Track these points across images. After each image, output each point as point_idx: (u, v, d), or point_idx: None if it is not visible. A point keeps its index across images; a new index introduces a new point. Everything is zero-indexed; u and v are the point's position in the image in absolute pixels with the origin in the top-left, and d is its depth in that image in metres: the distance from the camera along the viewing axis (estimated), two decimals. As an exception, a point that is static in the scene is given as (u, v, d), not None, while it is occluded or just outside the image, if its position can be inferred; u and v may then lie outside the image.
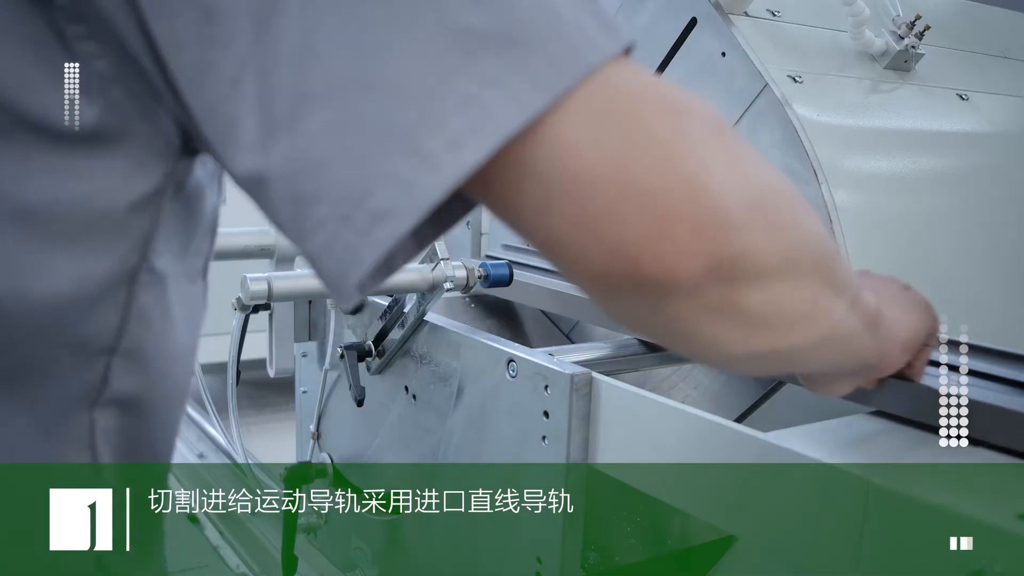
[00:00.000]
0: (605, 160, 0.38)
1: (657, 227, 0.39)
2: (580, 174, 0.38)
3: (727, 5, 1.21)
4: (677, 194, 0.39)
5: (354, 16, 0.36)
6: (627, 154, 0.38)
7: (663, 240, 0.39)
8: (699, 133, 0.41)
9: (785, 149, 1.12)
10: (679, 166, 0.39)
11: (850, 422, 0.84)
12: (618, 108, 0.39)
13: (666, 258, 0.39)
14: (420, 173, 0.37)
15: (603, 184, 0.38)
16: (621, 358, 1.16)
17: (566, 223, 0.39)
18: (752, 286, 0.43)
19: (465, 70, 0.36)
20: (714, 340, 0.45)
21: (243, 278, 1.02)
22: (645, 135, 0.39)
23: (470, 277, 1.10)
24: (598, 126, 0.38)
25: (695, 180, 0.39)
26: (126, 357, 0.49)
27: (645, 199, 0.38)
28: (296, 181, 0.38)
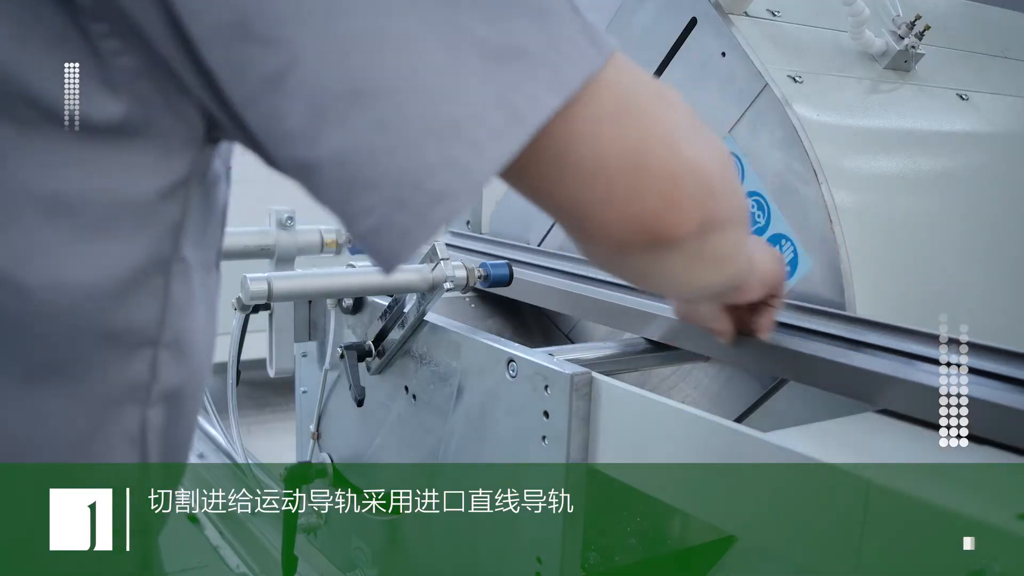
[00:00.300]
0: (626, 152, 0.49)
1: (667, 202, 0.51)
2: (607, 162, 0.48)
3: (727, 5, 1.21)
4: (681, 175, 0.51)
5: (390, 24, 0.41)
6: (643, 146, 0.49)
7: (671, 211, 0.51)
8: (684, 121, 0.52)
9: (785, 149, 1.12)
10: (680, 153, 0.51)
11: (850, 422, 0.84)
12: (627, 107, 0.49)
13: (672, 224, 0.51)
14: (472, 158, 0.43)
15: (625, 171, 0.49)
16: (621, 358, 1.16)
17: (594, 201, 0.50)
18: (719, 235, 0.56)
19: (491, 77, 0.43)
20: (687, 280, 0.61)
21: (243, 278, 1.02)
22: (653, 129, 0.50)
23: (470, 277, 1.10)
24: (616, 123, 0.48)
25: (692, 163, 0.51)
26: (170, 348, 0.51)
27: (659, 182, 0.50)
28: (348, 169, 0.42)
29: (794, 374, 0.98)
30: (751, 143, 1.16)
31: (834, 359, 0.91)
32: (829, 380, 0.92)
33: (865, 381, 0.87)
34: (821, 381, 0.93)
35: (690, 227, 0.52)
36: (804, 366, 0.94)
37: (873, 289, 1.08)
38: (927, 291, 1.17)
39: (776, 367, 1.00)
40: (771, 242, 1.14)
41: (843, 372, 0.90)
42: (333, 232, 1.30)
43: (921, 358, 0.87)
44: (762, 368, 1.07)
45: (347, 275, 1.09)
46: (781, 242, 1.13)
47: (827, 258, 1.08)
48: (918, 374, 0.84)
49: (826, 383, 0.93)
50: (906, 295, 1.14)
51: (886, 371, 0.86)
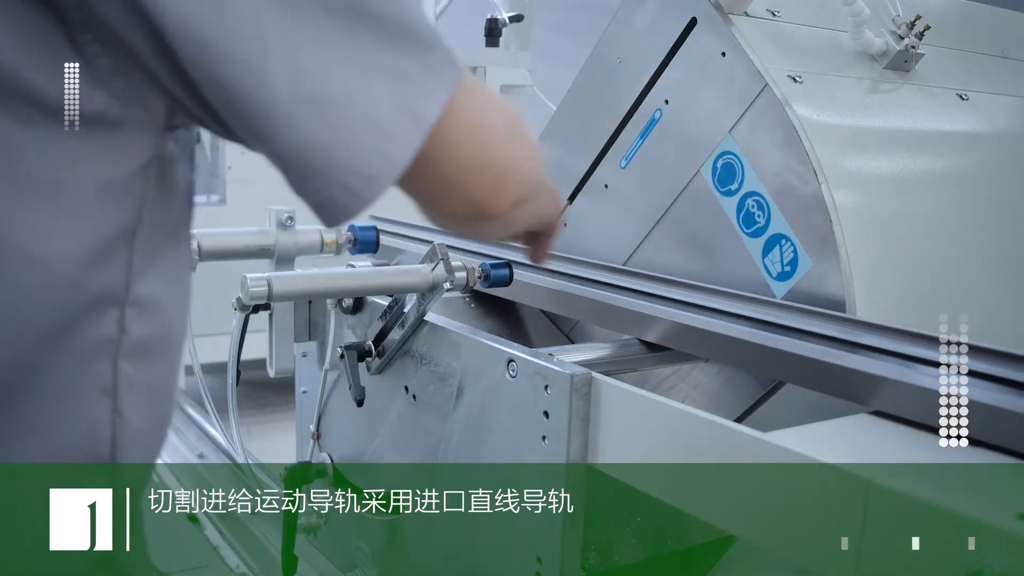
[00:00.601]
0: (474, 155, 0.65)
1: (495, 191, 0.67)
2: (460, 164, 0.64)
3: (727, 5, 1.21)
4: (508, 172, 0.68)
5: (329, 54, 0.55)
6: (485, 151, 0.66)
7: (497, 197, 0.68)
8: (513, 125, 0.68)
9: (785, 149, 1.12)
10: (509, 155, 0.68)
11: (850, 422, 0.84)
12: (476, 118, 0.64)
13: (496, 206, 0.68)
14: (393, 149, 0.58)
15: (471, 170, 0.65)
16: (621, 358, 1.16)
17: (445, 191, 0.66)
18: (525, 207, 0.74)
19: (396, 92, 0.57)
20: (498, 234, 0.80)
21: (243, 278, 1.02)
22: (493, 137, 0.66)
23: (470, 277, 1.10)
24: (469, 132, 0.64)
25: (516, 162, 0.69)
26: (136, 306, 0.59)
27: (492, 178, 0.67)
28: (303, 159, 0.56)
29: (791, 376, 0.98)
30: (751, 143, 1.16)
31: (830, 361, 0.91)
32: (825, 382, 0.92)
33: (861, 383, 0.87)
34: (817, 383, 0.93)
35: (508, 207, 0.69)
36: (800, 368, 0.94)
37: (873, 289, 1.08)
38: (927, 291, 1.17)
39: (773, 369, 1.00)
40: (771, 242, 1.14)
41: (839, 374, 0.90)
42: (333, 232, 1.30)
43: (920, 360, 0.87)
44: (758, 369, 1.07)
45: (347, 275, 1.09)
46: (781, 242, 1.13)
47: (827, 258, 1.08)
48: (917, 376, 0.84)
49: (822, 385, 0.93)
50: (906, 295, 1.14)
51: (883, 373, 0.86)
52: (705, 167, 1.22)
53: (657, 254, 1.31)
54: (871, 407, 0.86)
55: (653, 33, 1.30)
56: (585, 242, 1.44)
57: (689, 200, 1.25)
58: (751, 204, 1.16)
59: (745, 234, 1.17)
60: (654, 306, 1.14)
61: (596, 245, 1.42)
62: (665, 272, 1.27)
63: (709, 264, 1.23)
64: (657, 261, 1.31)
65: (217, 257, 1.22)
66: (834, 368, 0.91)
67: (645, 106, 1.32)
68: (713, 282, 1.19)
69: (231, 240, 1.24)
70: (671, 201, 1.28)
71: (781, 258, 1.13)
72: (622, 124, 1.36)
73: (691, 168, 1.24)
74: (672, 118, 1.28)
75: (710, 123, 1.21)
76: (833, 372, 0.91)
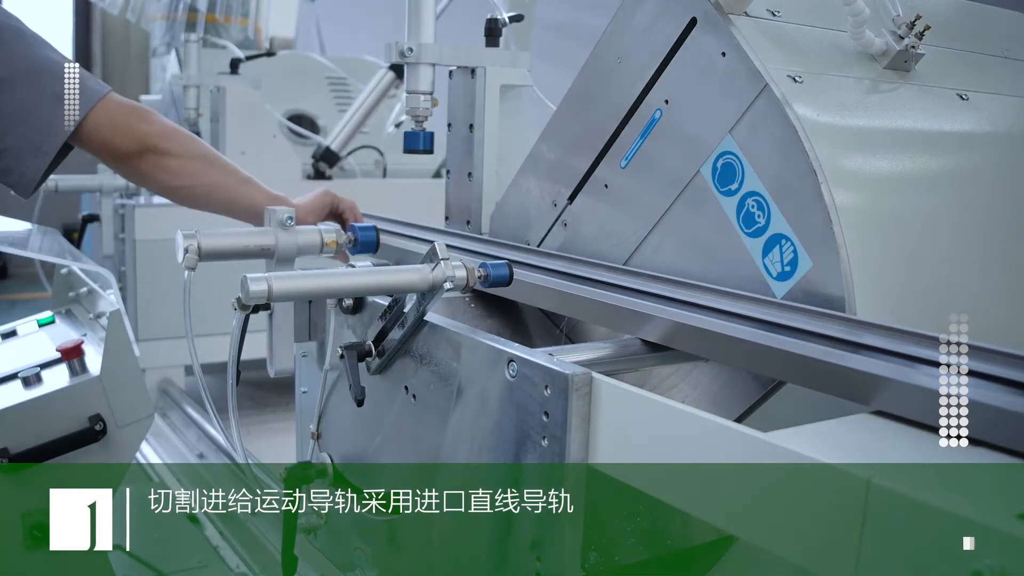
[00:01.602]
0: (120, 144, 1.43)
1: (135, 146, 1.44)
2: (117, 148, 1.44)
3: (727, 5, 1.21)
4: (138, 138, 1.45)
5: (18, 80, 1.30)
6: (130, 138, 1.44)
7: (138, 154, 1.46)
8: (149, 116, 1.46)
9: (785, 149, 1.12)
10: (144, 137, 1.45)
11: (850, 422, 0.84)
12: (119, 112, 1.42)
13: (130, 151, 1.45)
14: (57, 134, 1.34)
15: (122, 151, 1.45)
16: (621, 358, 1.16)
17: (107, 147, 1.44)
18: (158, 157, 1.46)
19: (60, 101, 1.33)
20: (154, 180, 1.50)
21: (243, 278, 1.02)
22: (129, 119, 1.44)
23: (470, 277, 1.10)
24: (119, 129, 1.42)
25: (147, 136, 1.46)
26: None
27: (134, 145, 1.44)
28: None
29: (790, 376, 0.98)
30: (751, 143, 1.16)
31: (831, 360, 0.91)
32: (825, 382, 0.92)
33: (861, 383, 0.87)
34: (817, 383, 0.93)
35: (136, 150, 1.42)
36: (800, 367, 0.94)
37: (873, 289, 1.08)
38: (927, 290, 1.17)
39: (772, 368, 1.00)
40: (771, 242, 1.14)
41: (839, 374, 0.90)
42: (333, 232, 1.30)
43: (920, 360, 0.87)
44: (758, 369, 1.07)
45: (347, 275, 1.09)
46: (781, 242, 1.13)
47: (827, 258, 1.08)
48: (917, 376, 0.84)
49: (822, 385, 0.92)
50: (906, 294, 1.14)
51: (883, 373, 0.86)
52: (705, 167, 1.22)
53: (657, 254, 1.31)
54: (871, 407, 0.86)
55: (653, 33, 1.30)
56: (585, 242, 1.44)
57: (689, 200, 1.25)
58: (751, 204, 1.16)
59: (745, 234, 1.17)
60: (653, 305, 1.13)
61: (596, 245, 1.42)
62: (665, 272, 1.27)
63: (709, 264, 1.23)
64: (657, 261, 1.31)
65: (217, 257, 1.22)
66: (834, 368, 0.90)
67: (645, 106, 1.32)
68: (713, 282, 1.19)
69: (231, 240, 1.24)
70: (671, 201, 1.28)
71: (781, 258, 1.13)
72: (622, 124, 1.36)
73: (691, 168, 1.24)
74: (672, 118, 1.28)
75: (710, 123, 1.21)
76: (833, 372, 0.91)
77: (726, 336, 1.02)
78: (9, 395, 1.53)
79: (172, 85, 3.58)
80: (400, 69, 3.24)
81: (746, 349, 0.99)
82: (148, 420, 1.62)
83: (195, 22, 6.97)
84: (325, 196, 1.58)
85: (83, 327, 1.89)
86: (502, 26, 1.82)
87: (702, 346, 1.07)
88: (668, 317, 1.10)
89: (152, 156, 1.45)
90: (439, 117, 1.76)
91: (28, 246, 1.96)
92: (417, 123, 1.71)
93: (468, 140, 1.76)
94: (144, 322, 2.98)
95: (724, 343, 1.02)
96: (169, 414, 2.91)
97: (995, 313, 1.24)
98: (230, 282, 1.12)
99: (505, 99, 1.76)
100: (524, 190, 1.57)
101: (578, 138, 1.44)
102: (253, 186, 1.54)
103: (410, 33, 1.65)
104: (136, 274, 2.99)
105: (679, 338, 1.09)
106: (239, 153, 3.23)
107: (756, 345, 0.98)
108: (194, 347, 1.19)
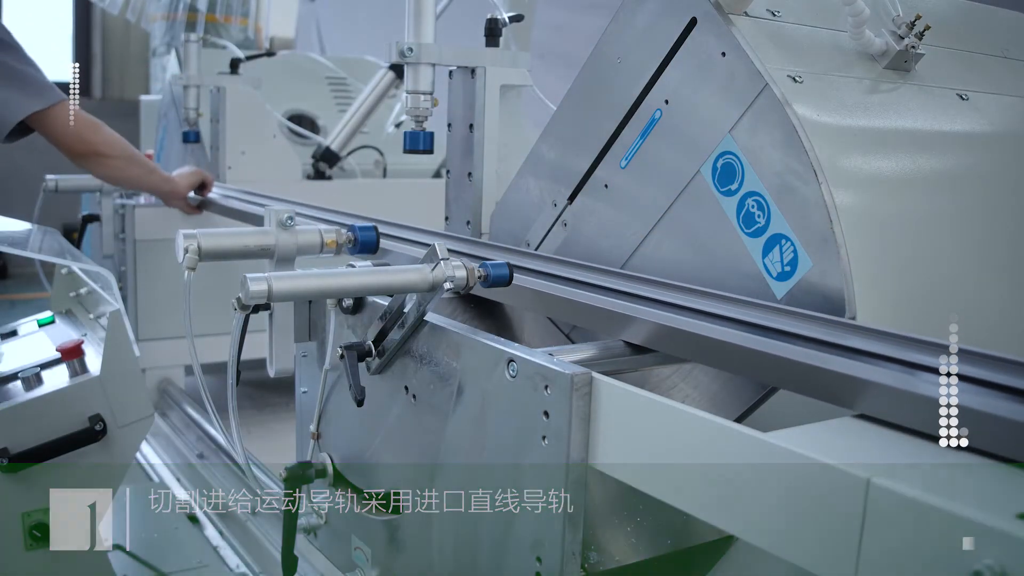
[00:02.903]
0: (77, 143, 2.46)
1: (87, 150, 2.48)
2: (72, 147, 2.46)
3: (727, 5, 1.21)
4: (90, 145, 2.49)
5: None
6: (85, 142, 2.47)
7: (88, 155, 2.50)
8: (96, 125, 2.50)
9: (785, 149, 1.12)
10: (93, 138, 2.49)
11: (850, 422, 0.84)
12: (80, 125, 2.42)
13: (83, 153, 2.49)
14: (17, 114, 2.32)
15: (78, 150, 2.48)
16: (621, 358, 1.16)
17: (63, 142, 2.44)
18: (104, 159, 2.54)
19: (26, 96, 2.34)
20: (94, 172, 2.61)
21: (243, 278, 1.02)
22: (84, 136, 2.46)
23: (470, 277, 1.10)
24: (71, 133, 2.41)
25: (93, 144, 2.49)
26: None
27: (89, 148, 2.49)
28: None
29: (775, 380, 0.97)
30: (751, 143, 1.16)
31: (815, 364, 0.90)
32: (810, 386, 0.90)
33: (850, 389, 0.85)
34: (803, 387, 0.91)
35: (84, 152, 2.46)
36: (786, 371, 0.93)
37: (873, 288, 1.08)
38: (927, 290, 1.17)
39: (757, 372, 0.98)
40: (771, 242, 1.14)
41: (824, 378, 0.88)
42: (333, 232, 1.30)
43: (914, 365, 0.86)
44: (747, 374, 1.05)
45: (347, 275, 1.09)
46: (781, 242, 1.13)
47: (827, 258, 1.08)
48: (910, 382, 0.83)
49: (808, 389, 0.91)
50: (906, 294, 1.14)
51: (872, 378, 0.84)
52: (705, 167, 1.22)
53: (657, 254, 1.31)
54: (856, 411, 0.85)
55: (653, 33, 1.30)
56: (585, 242, 1.44)
57: (689, 200, 1.25)
58: (751, 204, 1.16)
59: (745, 234, 1.17)
60: (640, 307, 1.13)
61: (596, 245, 1.42)
62: (665, 272, 1.27)
63: (709, 264, 1.23)
64: (657, 261, 1.31)
65: (217, 257, 1.22)
66: (819, 371, 0.89)
67: (645, 106, 1.32)
68: (712, 282, 1.19)
69: (231, 240, 1.24)
70: (671, 201, 1.28)
71: (781, 258, 1.13)
72: (622, 124, 1.36)
73: (691, 168, 1.24)
74: (672, 118, 1.28)
75: (710, 123, 1.21)
76: (818, 376, 0.89)
77: (711, 339, 1.01)
78: (9, 395, 1.53)
79: (172, 85, 3.57)
80: (400, 69, 3.24)
81: (731, 352, 0.98)
82: (148, 420, 1.62)
83: (195, 22, 6.97)
84: (196, 172, 2.86)
85: (83, 327, 1.89)
86: (502, 26, 1.82)
87: (687, 349, 1.06)
88: (653, 320, 1.09)
89: (96, 157, 2.51)
90: (439, 117, 1.76)
91: (28, 246, 1.96)
92: (417, 123, 1.71)
93: (468, 140, 1.76)
94: (144, 322, 2.97)
95: (709, 346, 1.01)
96: (169, 414, 2.91)
97: (995, 313, 1.24)
98: (230, 282, 1.12)
99: (505, 99, 1.76)
100: (524, 190, 1.57)
101: (578, 138, 1.44)
102: (155, 174, 2.72)
103: (410, 33, 1.65)
104: (136, 274, 2.99)
105: (664, 341, 1.08)
106: (239, 153, 3.22)
107: (741, 348, 0.97)
108: (194, 347, 1.19)
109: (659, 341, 1.09)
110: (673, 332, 1.06)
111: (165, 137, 3.72)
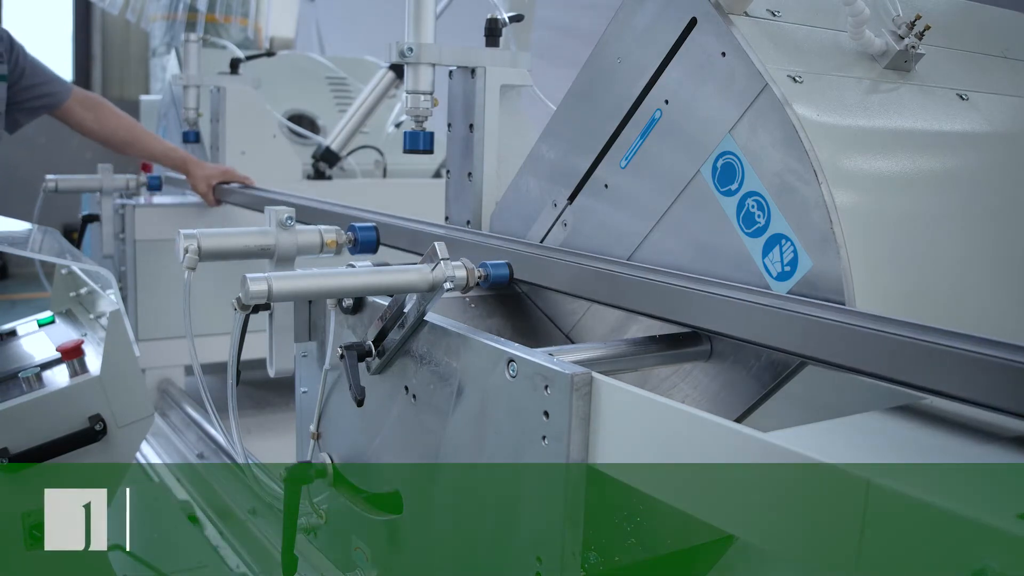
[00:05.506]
0: (91, 129, 2.99)
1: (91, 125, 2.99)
2: (89, 130, 2.99)
3: (727, 5, 1.21)
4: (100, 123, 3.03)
5: None
6: (99, 124, 2.99)
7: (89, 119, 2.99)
8: (105, 104, 3.04)
9: (785, 149, 1.12)
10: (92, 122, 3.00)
11: (850, 422, 0.84)
12: (90, 111, 2.97)
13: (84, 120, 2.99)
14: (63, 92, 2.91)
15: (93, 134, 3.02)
16: (621, 358, 1.16)
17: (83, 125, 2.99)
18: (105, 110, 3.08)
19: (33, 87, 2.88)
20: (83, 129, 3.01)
21: (243, 278, 1.02)
22: (102, 118, 3.00)
23: (470, 277, 1.10)
24: (89, 118, 2.97)
25: (103, 121, 3.02)
26: None
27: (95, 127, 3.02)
28: None
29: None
30: (751, 143, 1.16)
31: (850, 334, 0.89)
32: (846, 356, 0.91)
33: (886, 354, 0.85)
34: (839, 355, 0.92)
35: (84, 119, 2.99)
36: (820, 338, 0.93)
37: (873, 289, 1.08)
38: (927, 290, 1.17)
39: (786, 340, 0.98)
40: (771, 242, 1.14)
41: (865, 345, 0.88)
42: (333, 232, 1.30)
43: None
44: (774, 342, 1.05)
45: (347, 275, 1.09)
46: (781, 242, 1.13)
47: (827, 258, 1.08)
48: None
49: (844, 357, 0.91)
50: (906, 294, 1.14)
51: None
52: (705, 167, 1.22)
53: (657, 254, 1.31)
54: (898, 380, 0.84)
55: (653, 33, 1.30)
56: (585, 242, 1.44)
57: (689, 200, 1.25)
58: (751, 204, 1.16)
59: (745, 234, 1.17)
60: (659, 282, 1.13)
61: (596, 245, 1.42)
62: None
63: (709, 264, 1.23)
64: (657, 261, 1.31)
65: (217, 257, 1.22)
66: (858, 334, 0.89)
67: (645, 106, 1.32)
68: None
69: (231, 240, 1.24)
70: (671, 201, 1.28)
71: (781, 258, 1.13)
72: (622, 124, 1.36)
73: (691, 168, 1.24)
74: (672, 118, 1.28)
75: (710, 123, 1.21)
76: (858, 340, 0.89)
77: (741, 303, 1.01)
78: (9, 395, 1.53)
79: (172, 85, 3.58)
80: (400, 69, 3.24)
81: (760, 322, 0.99)
82: (148, 420, 1.62)
83: (195, 22, 6.97)
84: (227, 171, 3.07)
85: (83, 327, 1.89)
86: (502, 26, 1.82)
87: (712, 319, 1.06)
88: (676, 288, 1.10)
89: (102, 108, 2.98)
90: (439, 117, 1.76)
91: (28, 246, 1.96)
92: (417, 123, 1.71)
93: (468, 140, 1.76)
94: (144, 322, 2.98)
95: (737, 313, 1.02)
96: (169, 414, 2.91)
97: (995, 312, 1.24)
98: (230, 282, 1.12)
99: (505, 99, 1.76)
100: (524, 190, 1.57)
101: (578, 138, 1.44)
102: (162, 143, 3.18)
103: (410, 33, 1.65)
104: (136, 274, 2.99)
105: (687, 312, 1.09)
106: (239, 153, 3.23)
107: (775, 312, 0.97)
108: (194, 347, 1.20)
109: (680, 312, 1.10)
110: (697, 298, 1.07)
111: (165, 137, 3.72)
